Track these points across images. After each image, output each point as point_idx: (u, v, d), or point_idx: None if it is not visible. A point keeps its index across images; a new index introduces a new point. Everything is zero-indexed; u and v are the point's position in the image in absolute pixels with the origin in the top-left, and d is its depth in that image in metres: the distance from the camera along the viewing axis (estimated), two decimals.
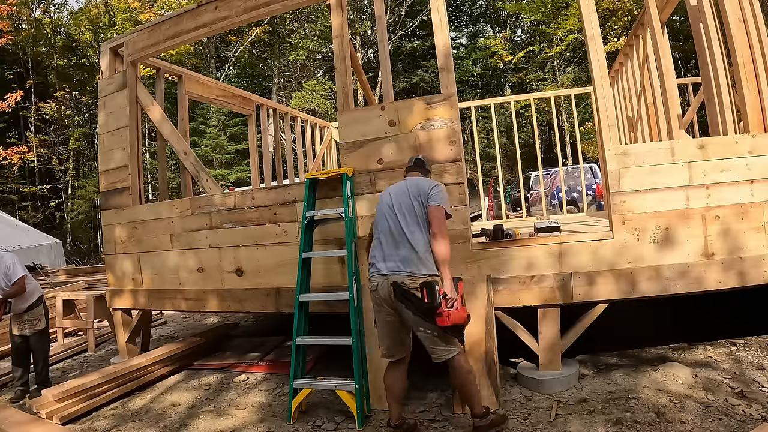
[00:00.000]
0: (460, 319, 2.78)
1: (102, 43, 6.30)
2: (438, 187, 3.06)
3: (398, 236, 2.99)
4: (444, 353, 2.88)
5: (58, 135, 21.67)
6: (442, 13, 3.86)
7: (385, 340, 3.07)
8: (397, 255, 2.96)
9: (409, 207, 3.02)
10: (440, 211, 2.95)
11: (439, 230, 2.90)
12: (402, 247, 2.96)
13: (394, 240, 3.00)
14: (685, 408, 3.01)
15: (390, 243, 3.01)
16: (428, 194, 3.00)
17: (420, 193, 3.03)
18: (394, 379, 3.07)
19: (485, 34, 27.97)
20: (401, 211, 3.03)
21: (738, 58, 3.58)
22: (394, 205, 3.08)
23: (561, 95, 8.72)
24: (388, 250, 3.01)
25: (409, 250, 2.93)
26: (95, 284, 8.43)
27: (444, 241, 2.89)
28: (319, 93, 21.28)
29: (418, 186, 3.08)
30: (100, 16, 21.17)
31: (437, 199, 2.98)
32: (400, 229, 2.99)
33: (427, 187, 3.04)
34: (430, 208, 2.96)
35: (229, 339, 5.64)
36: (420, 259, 2.91)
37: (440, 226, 2.91)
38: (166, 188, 5.86)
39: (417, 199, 3.02)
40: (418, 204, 3.00)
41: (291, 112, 8.52)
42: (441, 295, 2.75)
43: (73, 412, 3.78)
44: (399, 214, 3.03)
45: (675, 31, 17.07)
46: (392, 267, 2.95)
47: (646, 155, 3.50)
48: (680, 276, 3.39)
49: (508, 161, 20.29)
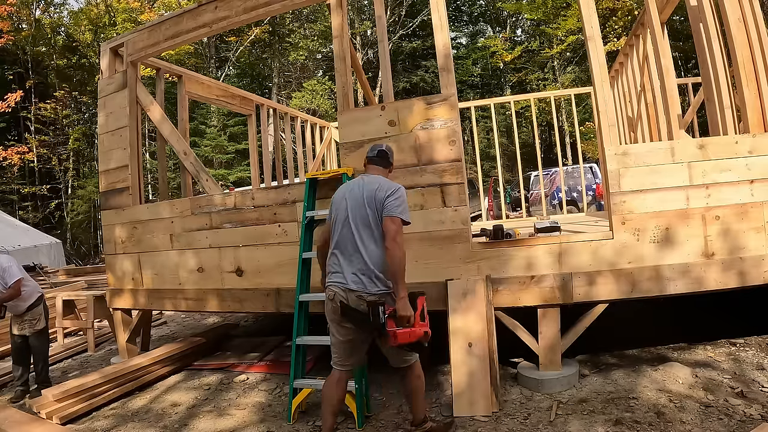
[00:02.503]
0: (410, 338, 2.65)
1: (102, 43, 6.30)
2: (395, 193, 2.79)
3: (352, 248, 2.79)
4: (399, 363, 2.89)
5: (58, 135, 21.67)
6: (442, 13, 3.86)
7: (336, 350, 2.92)
8: (351, 269, 2.76)
9: (364, 217, 2.79)
10: (396, 222, 2.70)
11: (393, 244, 2.66)
12: (356, 260, 2.77)
13: (348, 252, 2.81)
14: (685, 408, 3.01)
15: (344, 254, 2.82)
16: (383, 203, 2.75)
17: (375, 201, 2.78)
18: (333, 389, 2.88)
19: (485, 34, 27.98)
20: (355, 221, 2.81)
21: (738, 58, 3.58)
22: (349, 211, 2.84)
23: (561, 95, 8.72)
24: (342, 262, 2.81)
25: (362, 265, 2.74)
26: (95, 284, 8.43)
27: (397, 255, 2.65)
28: (319, 93, 21.28)
29: (373, 191, 2.81)
30: (100, 16, 21.17)
31: (393, 208, 2.73)
32: (354, 242, 2.79)
33: (383, 195, 2.77)
34: (385, 220, 2.72)
35: (229, 339, 5.64)
36: (374, 275, 2.74)
37: (394, 239, 2.67)
38: (166, 188, 5.86)
39: (371, 207, 2.78)
40: (372, 213, 2.77)
41: (291, 112, 8.52)
42: (387, 315, 2.64)
43: (73, 412, 3.77)
44: (353, 224, 2.81)
45: (675, 31, 17.07)
46: (346, 280, 2.76)
47: (646, 155, 3.49)
48: (680, 276, 3.39)
49: (508, 161, 20.29)
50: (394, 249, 2.67)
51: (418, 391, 2.94)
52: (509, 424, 3.08)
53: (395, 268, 2.66)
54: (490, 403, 3.23)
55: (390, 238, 2.69)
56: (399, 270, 2.66)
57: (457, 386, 3.31)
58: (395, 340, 2.64)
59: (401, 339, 2.64)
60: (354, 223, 2.81)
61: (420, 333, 2.68)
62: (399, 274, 2.66)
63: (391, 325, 2.66)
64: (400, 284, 2.66)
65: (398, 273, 2.66)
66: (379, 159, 3.05)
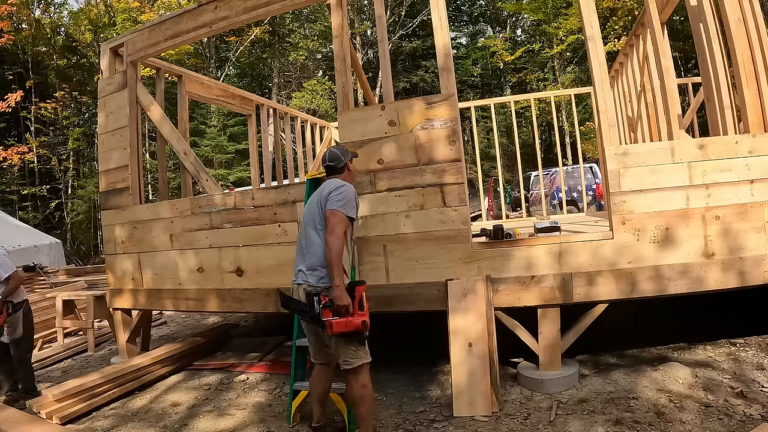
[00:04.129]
0: (346, 327, 2.67)
1: (102, 43, 6.30)
2: (338, 189, 2.87)
3: (303, 244, 2.98)
4: (342, 363, 2.84)
5: (58, 135, 21.68)
6: (442, 14, 3.86)
7: (311, 347, 3.10)
8: (299, 265, 2.95)
9: (312, 214, 2.96)
10: (335, 215, 2.79)
11: (330, 233, 2.75)
12: (306, 257, 2.93)
13: (300, 248, 3.00)
14: (685, 408, 3.01)
15: (297, 254, 3.02)
16: (327, 198, 2.87)
17: (321, 198, 2.92)
18: (316, 381, 3.11)
19: (485, 34, 27.96)
20: (305, 221, 3.02)
21: (738, 58, 3.58)
22: (304, 215, 3.08)
23: (561, 95, 8.73)
24: (298, 258, 3.00)
25: (310, 258, 2.89)
26: (95, 284, 8.42)
27: (332, 243, 2.72)
28: (319, 93, 21.27)
29: (322, 190, 2.97)
30: (100, 16, 21.17)
31: (334, 202, 2.82)
32: (304, 237, 2.98)
33: (327, 193, 2.89)
34: (326, 213, 2.83)
35: (229, 339, 5.64)
36: (317, 267, 2.85)
37: (332, 230, 2.76)
38: (166, 188, 5.86)
39: (318, 205, 2.93)
40: (318, 210, 2.92)
41: (291, 112, 8.52)
42: (322, 305, 2.69)
43: (73, 412, 3.77)
44: (304, 224, 3.03)
45: (675, 31, 17.05)
46: (296, 277, 2.96)
47: (646, 155, 3.49)
48: (680, 276, 3.39)
49: (508, 161, 20.28)
50: (330, 239, 2.75)
51: (361, 401, 2.82)
52: (509, 424, 3.08)
53: (330, 255, 2.73)
54: (490, 403, 3.23)
55: (328, 230, 2.78)
56: (333, 258, 2.71)
57: (457, 386, 3.31)
58: (331, 329, 2.68)
59: (337, 328, 2.67)
60: (304, 223, 3.02)
61: (357, 323, 2.70)
62: (333, 262, 2.71)
63: (327, 314, 2.68)
64: (335, 273, 2.70)
65: (332, 261, 2.72)
66: (329, 168, 3.11)
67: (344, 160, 3.10)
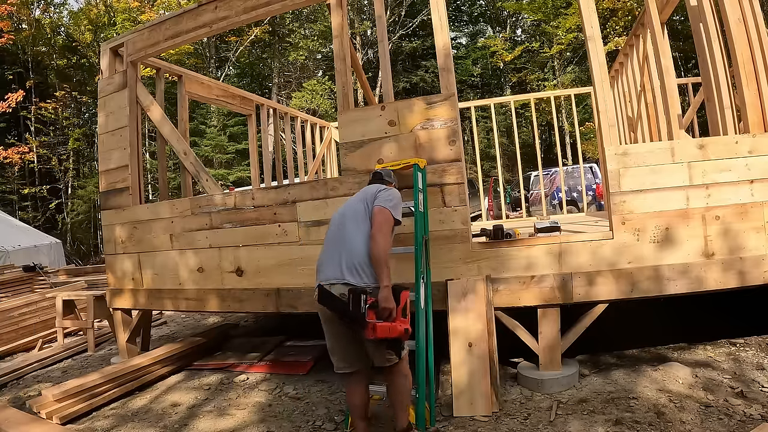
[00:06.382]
0: (389, 333, 2.53)
1: (102, 43, 6.30)
2: (387, 191, 2.88)
3: (339, 242, 2.78)
4: (382, 361, 2.70)
5: (58, 135, 21.68)
6: (442, 14, 3.86)
7: (334, 354, 2.83)
8: (336, 261, 2.72)
9: (355, 211, 2.84)
10: (383, 213, 2.72)
11: (378, 231, 2.66)
12: (344, 253, 2.72)
13: (334, 246, 2.79)
14: (685, 408, 3.01)
15: (330, 249, 2.81)
16: (375, 196, 2.82)
17: (367, 196, 2.86)
18: (352, 395, 2.86)
19: (485, 34, 27.99)
20: (347, 216, 2.87)
21: (738, 58, 3.58)
22: (347, 210, 2.92)
23: (561, 95, 8.72)
24: (328, 257, 2.79)
25: (348, 256, 2.69)
26: (95, 284, 8.41)
27: (381, 242, 2.63)
28: (319, 93, 21.29)
29: (370, 190, 2.94)
30: (100, 16, 21.19)
31: (383, 200, 2.78)
32: (342, 235, 2.78)
33: (376, 191, 2.87)
34: (374, 210, 2.75)
35: (229, 339, 5.63)
36: (358, 265, 2.66)
37: (380, 227, 2.67)
38: (166, 188, 5.86)
39: (363, 201, 2.85)
40: (363, 207, 2.82)
41: (291, 112, 8.52)
42: (367, 305, 2.51)
43: (73, 412, 3.77)
44: (345, 220, 2.85)
45: (675, 31, 17.07)
46: (330, 274, 2.71)
47: (646, 155, 3.49)
48: (680, 276, 3.39)
49: (508, 161, 20.30)
50: (378, 236, 2.65)
51: (402, 390, 2.77)
52: (509, 424, 3.08)
53: (378, 254, 2.62)
54: (490, 403, 3.23)
55: (376, 227, 2.69)
56: (382, 257, 2.61)
57: (457, 386, 3.31)
58: (374, 332, 2.51)
59: (380, 333, 2.51)
60: (342, 220, 2.88)
61: (401, 329, 2.58)
62: (382, 261, 2.61)
63: (371, 316, 2.53)
64: (384, 273, 2.60)
65: (382, 260, 2.61)
66: (378, 176, 3.26)
67: (392, 180, 3.33)
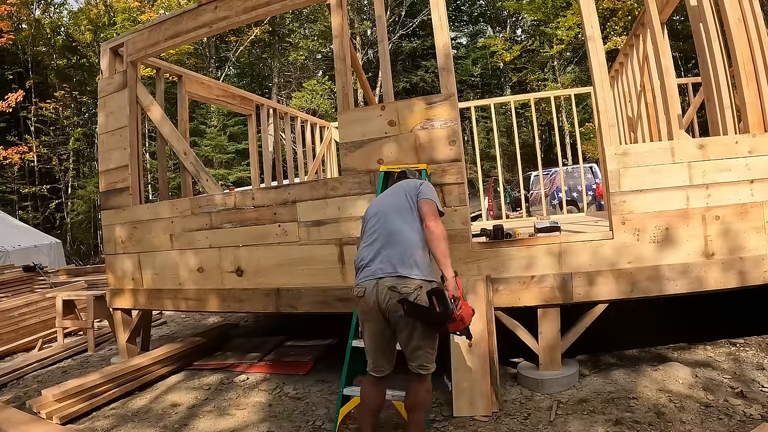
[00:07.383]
0: (469, 317, 2.51)
1: (102, 43, 6.30)
2: (427, 184, 2.89)
3: (390, 235, 2.66)
4: (419, 368, 2.59)
5: (58, 135, 21.69)
6: (442, 13, 3.86)
7: (373, 354, 2.69)
8: (389, 255, 2.59)
9: (402, 204, 2.76)
10: (431, 205, 2.71)
11: (435, 224, 2.62)
12: (396, 245, 2.60)
13: (385, 239, 2.65)
14: (685, 408, 3.01)
15: (379, 243, 2.66)
16: (418, 190, 2.80)
17: (410, 190, 2.82)
18: (374, 393, 2.72)
19: (485, 34, 27.99)
20: (388, 210, 2.77)
21: (738, 58, 3.58)
22: (387, 205, 2.83)
23: (561, 95, 8.72)
24: (376, 251, 2.64)
25: (403, 249, 2.59)
26: (95, 284, 8.41)
27: (439, 229, 2.60)
28: (319, 93, 21.29)
29: (407, 184, 2.91)
30: (100, 16, 21.19)
31: (428, 193, 2.78)
32: (393, 228, 2.67)
33: (417, 183, 2.88)
34: (421, 202, 2.72)
35: (229, 339, 5.63)
36: (414, 260, 2.58)
37: (435, 220, 2.63)
38: (166, 188, 5.86)
39: (404, 195, 2.81)
40: (407, 200, 2.78)
41: (291, 112, 8.52)
42: (452, 300, 2.42)
43: (73, 412, 3.77)
44: (391, 212, 2.75)
45: (675, 31, 17.07)
46: (384, 269, 2.56)
47: (646, 155, 3.49)
48: (680, 276, 3.39)
49: (508, 161, 20.31)
50: (435, 227, 2.60)
51: (424, 405, 2.71)
52: (509, 424, 3.08)
53: (439, 244, 2.56)
54: (490, 403, 3.23)
55: (430, 217, 2.64)
56: (445, 250, 2.56)
57: (457, 386, 3.31)
58: (462, 322, 2.44)
59: (467, 321, 2.47)
60: (392, 211, 2.76)
61: (471, 311, 2.55)
62: (446, 251, 2.57)
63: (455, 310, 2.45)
64: (449, 261, 2.54)
65: (445, 249, 2.56)
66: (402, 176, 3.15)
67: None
